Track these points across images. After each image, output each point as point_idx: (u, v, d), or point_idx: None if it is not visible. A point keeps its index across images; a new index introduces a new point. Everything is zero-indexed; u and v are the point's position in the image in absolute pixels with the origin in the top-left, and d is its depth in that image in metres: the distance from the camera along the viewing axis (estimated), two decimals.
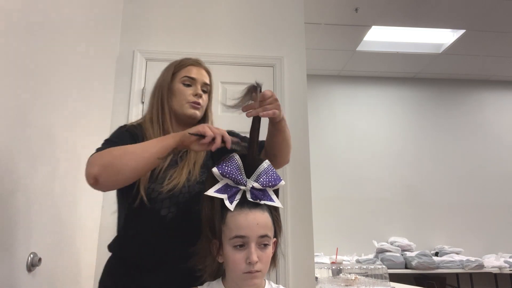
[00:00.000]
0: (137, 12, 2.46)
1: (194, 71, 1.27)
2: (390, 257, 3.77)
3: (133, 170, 0.98)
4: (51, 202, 1.46)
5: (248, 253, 0.84)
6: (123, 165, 0.98)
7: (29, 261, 1.26)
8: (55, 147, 1.49)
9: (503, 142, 4.66)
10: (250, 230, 0.86)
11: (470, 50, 4.08)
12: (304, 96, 2.40)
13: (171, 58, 2.37)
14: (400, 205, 4.31)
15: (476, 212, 4.37)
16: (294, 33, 2.54)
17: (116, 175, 0.98)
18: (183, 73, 1.26)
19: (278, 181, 0.94)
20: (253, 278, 0.85)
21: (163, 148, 0.99)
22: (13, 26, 1.17)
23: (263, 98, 1.01)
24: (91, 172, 0.98)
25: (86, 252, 1.91)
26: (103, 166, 0.98)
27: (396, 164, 4.45)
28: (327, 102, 4.61)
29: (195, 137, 0.98)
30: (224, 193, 0.90)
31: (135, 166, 0.98)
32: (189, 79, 1.25)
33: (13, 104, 1.18)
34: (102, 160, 1.00)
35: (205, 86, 1.27)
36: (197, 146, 0.99)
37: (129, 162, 0.98)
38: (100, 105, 2.07)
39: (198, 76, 1.26)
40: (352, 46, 4.03)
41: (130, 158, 0.98)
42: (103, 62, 2.10)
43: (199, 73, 1.27)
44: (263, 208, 0.90)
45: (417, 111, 4.69)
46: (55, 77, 1.47)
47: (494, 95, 4.84)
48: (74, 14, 1.65)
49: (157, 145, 1.00)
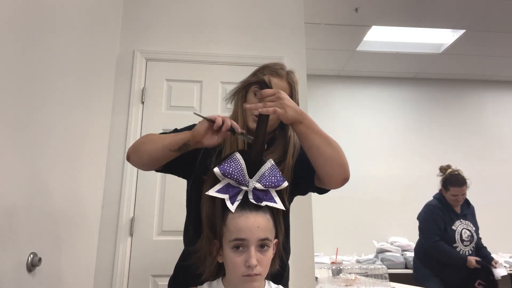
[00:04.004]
0: (137, 12, 2.45)
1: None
2: (390, 257, 3.77)
3: (149, 156, 1.10)
4: (51, 202, 1.46)
5: (247, 257, 0.84)
6: (143, 151, 1.11)
7: (29, 261, 1.26)
8: (55, 147, 1.48)
9: (503, 142, 4.66)
10: (251, 233, 0.85)
11: (470, 50, 4.08)
12: (304, 96, 2.39)
13: (171, 58, 2.41)
14: (400, 205, 4.30)
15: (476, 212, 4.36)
16: (294, 33, 2.54)
17: (139, 158, 1.13)
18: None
19: (281, 182, 0.92)
20: (252, 281, 0.85)
21: (175, 142, 1.05)
22: (13, 26, 1.16)
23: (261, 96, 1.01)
24: (128, 150, 1.16)
25: (86, 252, 1.91)
26: (134, 147, 1.14)
27: (396, 163, 4.45)
28: (327, 102, 4.60)
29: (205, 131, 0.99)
30: (226, 193, 0.89)
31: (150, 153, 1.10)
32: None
33: (13, 104, 1.17)
34: (137, 141, 1.15)
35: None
36: (208, 139, 1.00)
37: (147, 149, 1.10)
38: (100, 105, 2.07)
39: None
40: (352, 46, 4.03)
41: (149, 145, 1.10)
42: (103, 62, 2.09)
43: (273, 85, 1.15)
44: (265, 210, 0.89)
45: (417, 111, 4.68)
46: (55, 77, 1.47)
47: (494, 95, 4.83)
48: (74, 14, 1.65)
49: (171, 138, 1.07)
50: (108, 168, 2.15)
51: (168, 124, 2.22)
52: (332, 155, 1.04)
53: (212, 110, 2.29)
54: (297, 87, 1.22)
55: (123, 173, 2.17)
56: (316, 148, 1.03)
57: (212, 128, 0.99)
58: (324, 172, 1.07)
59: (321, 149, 1.03)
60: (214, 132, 1.00)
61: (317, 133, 1.04)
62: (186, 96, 2.34)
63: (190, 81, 2.38)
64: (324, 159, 1.04)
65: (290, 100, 1.02)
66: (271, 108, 0.98)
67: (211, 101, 2.34)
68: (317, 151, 1.04)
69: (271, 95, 1.00)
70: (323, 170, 1.06)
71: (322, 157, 1.04)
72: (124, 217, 2.12)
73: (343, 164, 1.05)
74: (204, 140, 1.01)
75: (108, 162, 2.16)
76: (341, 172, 1.05)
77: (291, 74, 1.22)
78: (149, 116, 2.30)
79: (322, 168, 1.06)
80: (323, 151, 1.03)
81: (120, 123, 2.25)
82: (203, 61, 2.42)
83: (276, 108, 0.98)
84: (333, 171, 1.05)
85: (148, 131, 2.22)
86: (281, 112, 0.99)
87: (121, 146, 2.21)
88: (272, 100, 0.99)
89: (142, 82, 2.34)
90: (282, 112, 0.99)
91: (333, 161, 1.04)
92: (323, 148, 1.03)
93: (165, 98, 2.33)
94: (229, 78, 2.35)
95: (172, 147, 1.05)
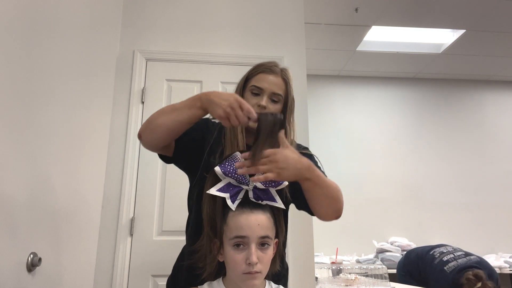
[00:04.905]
0: (137, 12, 2.45)
1: (264, 80, 1.19)
2: (390, 257, 3.77)
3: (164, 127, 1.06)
4: (51, 202, 1.46)
5: (248, 254, 0.84)
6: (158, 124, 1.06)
7: (29, 261, 1.25)
8: (55, 147, 1.48)
9: (503, 142, 4.66)
10: (251, 231, 0.85)
11: (470, 50, 4.08)
12: (304, 96, 2.39)
13: (171, 58, 2.41)
14: (400, 205, 4.30)
15: (476, 212, 4.36)
16: (294, 33, 2.54)
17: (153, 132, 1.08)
18: (253, 81, 1.20)
19: (281, 182, 0.93)
20: (253, 279, 0.85)
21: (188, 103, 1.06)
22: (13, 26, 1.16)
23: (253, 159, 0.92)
24: (139, 129, 1.11)
25: (86, 252, 1.91)
26: (146, 124, 1.09)
27: (396, 164, 4.45)
28: (327, 102, 4.60)
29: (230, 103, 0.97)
30: (227, 192, 0.89)
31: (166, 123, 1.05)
32: (256, 89, 1.18)
33: (13, 104, 1.17)
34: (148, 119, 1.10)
35: (275, 96, 1.18)
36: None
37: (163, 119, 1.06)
38: (100, 105, 2.07)
39: (266, 86, 1.17)
40: (352, 46, 4.03)
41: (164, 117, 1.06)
42: (103, 62, 2.09)
43: (269, 82, 1.18)
44: (265, 209, 0.90)
45: (417, 111, 4.68)
46: (55, 77, 1.47)
47: (495, 95, 4.83)
48: (74, 14, 1.65)
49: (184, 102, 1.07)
50: (108, 168, 2.15)
51: None
52: (330, 203, 1.05)
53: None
54: (292, 83, 1.22)
55: (123, 173, 2.17)
56: (315, 198, 1.04)
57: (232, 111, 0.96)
58: (317, 212, 1.09)
59: (320, 200, 1.04)
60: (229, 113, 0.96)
61: (324, 187, 1.02)
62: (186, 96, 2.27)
63: (190, 81, 2.38)
64: (320, 206, 1.06)
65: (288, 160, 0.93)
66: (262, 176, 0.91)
67: None
68: (316, 200, 1.04)
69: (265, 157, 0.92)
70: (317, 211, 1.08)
71: (319, 204, 1.05)
72: (124, 217, 2.12)
73: (338, 208, 1.06)
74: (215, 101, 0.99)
75: (108, 162, 2.16)
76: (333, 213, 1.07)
77: (285, 71, 1.23)
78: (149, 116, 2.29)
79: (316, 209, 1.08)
80: (322, 202, 1.04)
81: (120, 123, 2.25)
82: (203, 61, 2.42)
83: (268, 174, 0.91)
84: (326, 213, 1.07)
85: None
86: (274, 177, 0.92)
87: (121, 146, 2.21)
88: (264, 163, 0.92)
89: (142, 82, 2.34)
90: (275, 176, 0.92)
91: (329, 207, 1.06)
92: (322, 199, 1.04)
93: (165, 98, 2.33)
94: (229, 78, 2.35)
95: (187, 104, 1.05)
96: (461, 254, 2.48)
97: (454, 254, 2.49)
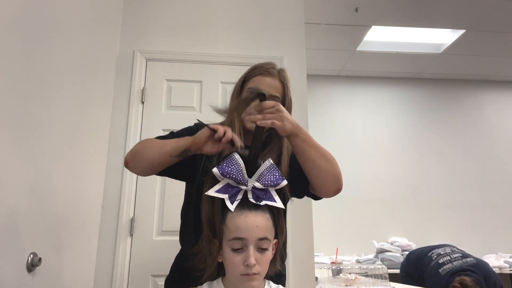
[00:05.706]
0: (137, 12, 2.45)
1: (262, 82, 1.18)
2: (390, 257, 3.77)
3: (149, 162, 1.09)
4: (51, 202, 1.46)
5: (246, 256, 0.84)
6: (143, 157, 1.09)
7: (29, 261, 1.26)
8: (55, 147, 1.48)
9: (503, 142, 4.66)
10: (249, 232, 0.85)
11: (470, 50, 4.08)
12: (304, 96, 2.39)
13: (171, 58, 2.41)
14: (400, 205, 4.30)
15: (476, 212, 4.36)
16: (294, 33, 2.54)
17: (139, 163, 1.11)
18: (250, 84, 1.20)
19: (280, 181, 0.93)
20: (251, 281, 0.85)
21: (176, 148, 1.05)
22: (13, 26, 1.16)
23: (261, 107, 1.01)
24: (126, 157, 1.14)
25: (86, 252, 1.91)
26: (133, 153, 1.12)
27: (396, 164, 4.45)
28: (327, 102, 4.60)
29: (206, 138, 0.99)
30: (225, 193, 0.89)
31: (150, 159, 1.08)
32: None
33: (13, 104, 1.17)
34: (135, 147, 1.13)
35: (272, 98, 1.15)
36: (208, 147, 1.00)
37: (148, 154, 1.09)
38: (100, 105, 2.07)
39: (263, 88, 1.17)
40: (352, 46, 4.03)
41: (149, 152, 1.09)
42: (103, 62, 2.09)
43: (266, 85, 1.17)
44: (264, 210, 0.89)
45: (417, 111, 4.68)
46: (55, 77, 1.47)
47: (494, 95, 4.83)
48: (74, 14, 1.65)
49: (172, 144, 1.06)
50: (108, 168, 2.15)
51: (168, 124, 2.22)
52: (326, 167, 1.07)
53: (212, 110, 2.28)
54: (289, 85, 1.22)
55: (123, 173, 2.17)
56: (311, 161, 1.06)
57: (213, 137, 0.98)
58: (318, 183, 1.10)
59: (316, 162, 1.06)
60: (214, 141, 0.99)
61: (313, 146, 1.06)
62: (186, 96, 2.34)
63: (190, 81, 2.38)
64: (318, 171, 1.07)
65: (288, 113, 1.03)
66: (269, 120, 0.99)
67: (211, 101, 2.35)
68: (312, 164, 1.06)
69: (271, 107, 1.00)
70: (317, 181, 1.09)
71: (317, 169, 1.07)
72: (124, 217, 2.12)
73: (337, 175, 1.09)
74: (204, 148, 1.00)
75: (108, 162, 2.16)
76: (334, 183, 1.09)
77: (283, 73, 1.23)
78: (149, 116, 2.30)
79: (316, 180, 1.09)
80: (318, 164, 1.06)
81: (120, 123, 2.25)
82: (203, 61, 2.42)
83: (274, 121, 0.99)
84: (326, 182, 1.09)
85: (148, 131, 2.23)
86: (279, 125, 1.00)
87: (121, 146, 2.21)
88: (272, 112, 1.00)
89: (142, 82, 2.34)
90: (280, 124, 1.00)
91: (327, 173, 1.07)
92: (318, 161, 1.06)
93: (165, 98, 2.33)
94: (229, 78, 2.35)
95: (173, 153, 1.05)
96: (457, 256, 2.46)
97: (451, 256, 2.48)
